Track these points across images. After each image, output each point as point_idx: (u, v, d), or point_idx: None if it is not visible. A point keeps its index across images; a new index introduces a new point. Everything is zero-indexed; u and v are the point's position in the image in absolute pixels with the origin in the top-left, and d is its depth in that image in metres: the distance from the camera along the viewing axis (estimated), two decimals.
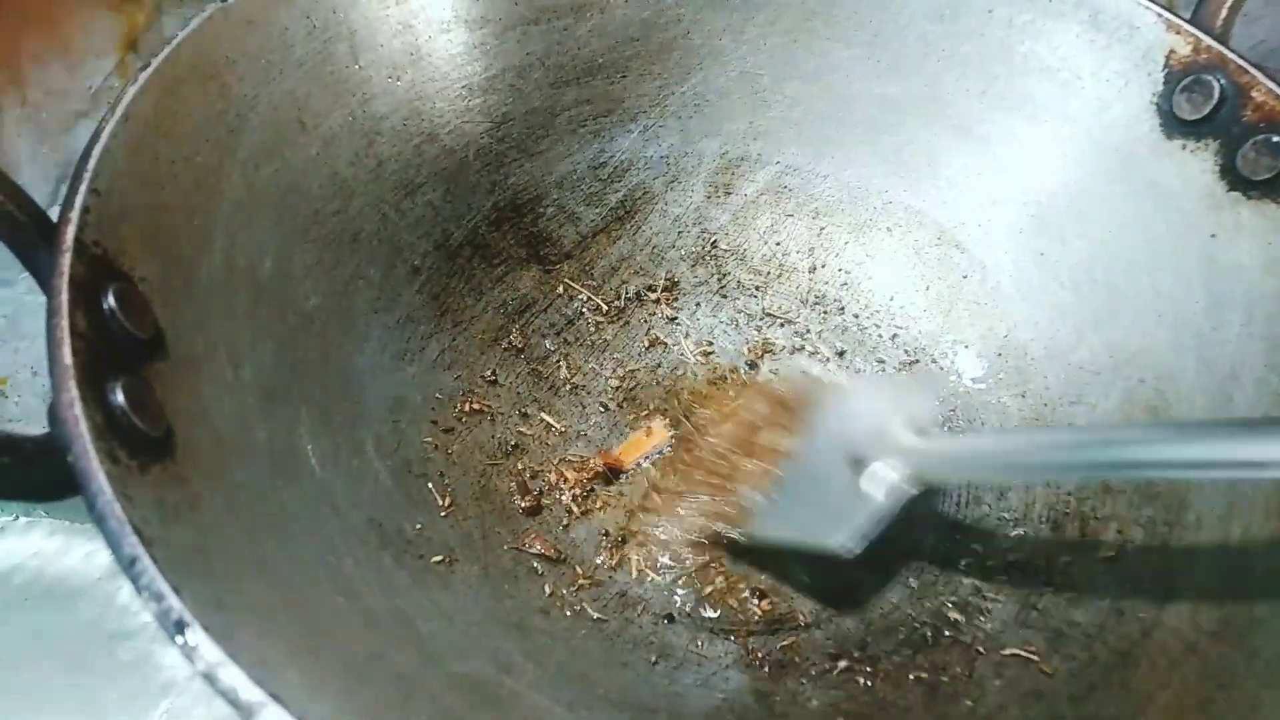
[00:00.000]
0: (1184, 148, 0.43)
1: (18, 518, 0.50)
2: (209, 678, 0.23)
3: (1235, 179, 0.42)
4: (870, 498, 0.39)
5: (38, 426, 0.28)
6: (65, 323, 0.28)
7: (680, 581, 0.42)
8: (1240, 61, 0.41)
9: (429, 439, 0.43)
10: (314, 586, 0.31)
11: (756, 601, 0.42)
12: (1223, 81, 0.42)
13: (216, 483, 0.31)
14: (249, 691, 0.23)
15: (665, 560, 0.43)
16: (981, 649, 0.39)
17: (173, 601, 0.23)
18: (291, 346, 0.39)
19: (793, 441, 0.45)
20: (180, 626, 0.23)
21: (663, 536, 0.44)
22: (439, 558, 0.38)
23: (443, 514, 0.41)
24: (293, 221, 0.41)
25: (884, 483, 0.39)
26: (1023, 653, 0.38)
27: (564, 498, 0.44)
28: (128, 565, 0.24)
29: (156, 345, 0.32)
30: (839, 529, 0.39)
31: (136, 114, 0.34)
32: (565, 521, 0.44)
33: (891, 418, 0.41)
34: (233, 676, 0.23)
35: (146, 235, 0.34)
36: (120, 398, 0.28)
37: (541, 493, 0.44)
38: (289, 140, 0.41)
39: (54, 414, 0.27)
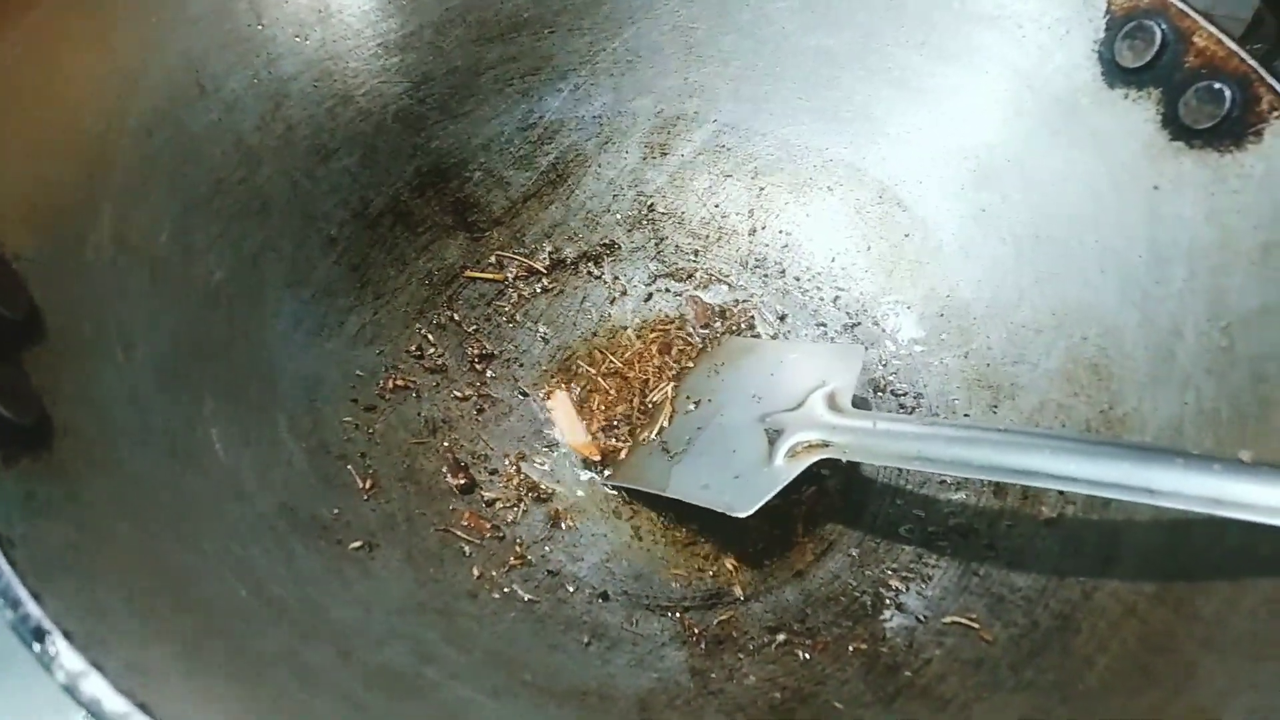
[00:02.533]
0: (1126, 97, 0.42)
1: None
2: (70, 690, 0.21)
3: (1177, 128, 0.40)
4: (780, 470, 0.39)
5: None
6: None
7: (613, 553, 0.41)
8: (1181, 6, 0.40)
9: (349, 418, 0.41)
10: (213, 579, 0.29)
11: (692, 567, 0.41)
12: (1164, 27, 0.40)
13: (102, 472, 0.29)
14: (113, 702, 0.21)
15: (595, 528, 0.42)
16: (922, 618, 0.38)
17: (30, 608, 0.22)
18: (193, 325, 0.36)
19: (711, 398, 0.44)
20: (39, 635, 0.21)
21: (583, 495, 0.43)
22: (358, 543, 0.37)
23: (364, 497, 0.39)
24: (192, 192, 0.38)
25: (796, 457, 0.39)
26: (963, 620, 0.37)
27: (499, 475, 0.43)
28: None
29: (33, 327, 0.30)
30: (743, 497, 0.38)
31: (6, 78, 0.32)
32: (501, 498, 0.42)
33: (814, 391, 0.41)
34: (95, 687, 0.21)
35: (22, 209, 0.31)
36: None
37: (470, 467, 0.42)
38: (186, 105, 0.39)
39: None
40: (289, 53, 0.43)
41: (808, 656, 0.37)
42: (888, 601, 0.39)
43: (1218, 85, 0.39)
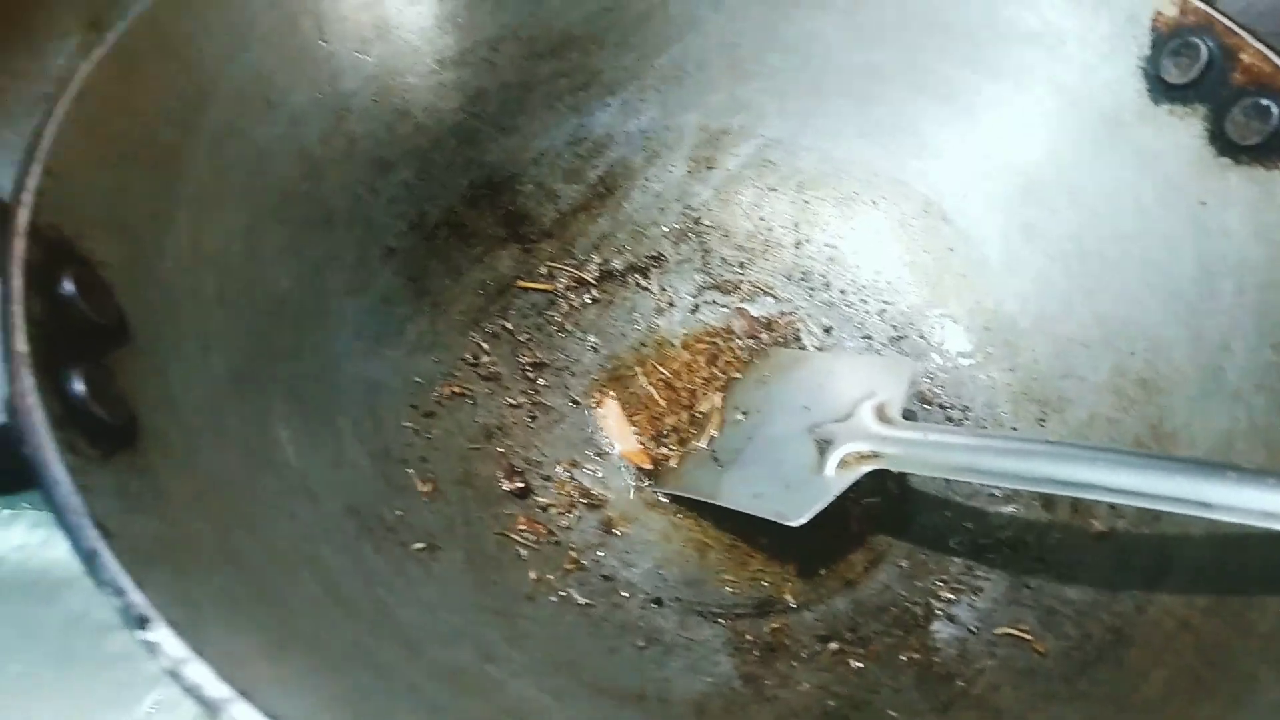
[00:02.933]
0: (1171, 113, 0.42)
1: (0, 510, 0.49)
2: (173, 675, 0.22)
3: (1224, 144, 0.41)
4: (831, 481, 0.39)
5: None
6: (21, 309, 0.27)
7: (664, 559, 0.42)
8: (1227, 22, 0.41)
9: (408, 423, 0.42)
10: (289, 577, 0.30)
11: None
12: (1210, 44, 0.41)
13: (184, 471, 0.30)
14: (215, 688, 0.22)
15: (646, 535, 0.43)
16: (973, 629, 0.38)
17: (134, 596, 0.23)
18: (263, 331, 0.37)
19: (759, 409, 0.45)
20: (142, 622, 0.22)
21: (634, 502, 0.44)
22: (420, 544, 0.37)
23: (424, 499, 0.40)
24: (261, 202, 0.39)
25: (847, 467, 0.39)
26: (1015, 631, 0.37)
27: (553, 481, 0.44)
28: (87, 559, 0.23)
29: (119, 331, 0.31)
30: (795, 505, 0.39)
31: (92, 92, 0.33)
32: (555, 504, 0.43)
33: (863, 401, 0.41)
34: (198, 673, 0.22)
35: (107, 217, 0.32)
36: (80, 386, 0.27)
37: (525, 473, 0.43)
38: (255, 118, 0.40)
39: (9, 404, 0.26)
40: (350, 68, 0.44)
41: (860, 665, 0.38)
42: (938, 612, 0.39)
43: (1265, 101, 0.40)
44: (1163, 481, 0.33)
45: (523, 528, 0.41)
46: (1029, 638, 0.37)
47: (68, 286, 0.29)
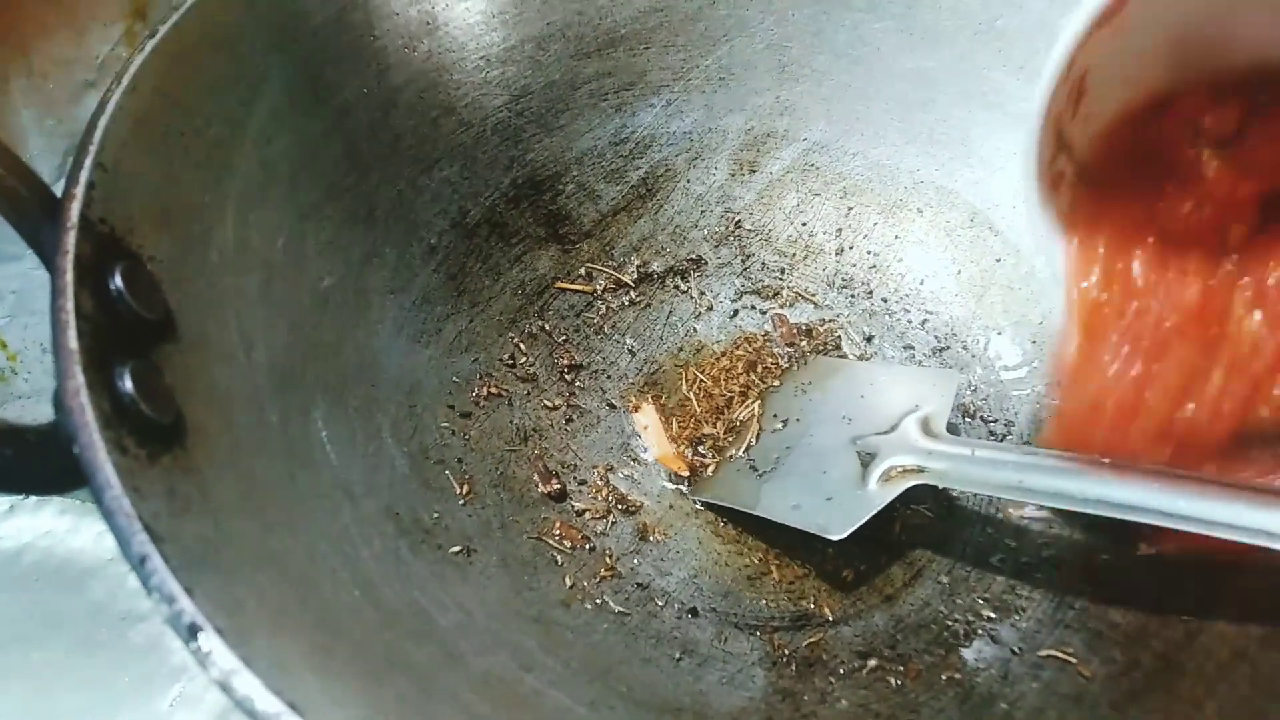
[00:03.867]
0: None
1: (28, 496, 0.49)
2: (223, 686, 0.22)
3: None
4: (874, 494, 0.39)
5: (48, 405, 0.27)
6: (70, 304, 0.27)
7: (700, 569, 0.41)
8: None
9: (446, 424, 0.42)
10: (330, 580, 0.30)
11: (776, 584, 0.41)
12: None
13: (229, 471, 0.29)
14: (266, 701, 0.21)
15: (682, 543, 0.42)
16: (1016, 649, 0.38)
17: (184, 604, 0.22)
18: (305, 328, 0.37)
19: (799, 418, 0.44)
20: (193, 631, 0.22)
21: (670, 509, 0.43)
22: (457, 548, 0.37)
23: (460, 502, 0.40)
24: (306, 197, 0.39)
25: (891, 481, 0.39)
26: (1059, 654, 0.37)
27: (588, 485, 0.43)
28: (138, 564, 0.23)
29: (166, 327, 0.30)
30: (836, 519, 0.38)
31: (143, 84, 0.33)
32: (590, 508, 0.43)
33: (907, 415, 0.41)
34: (248, 685, 0.22)
35: (155, 211, 0.32)
36: (129, 383, 0.27)
37: (560, 476, 0.43)
38: (303, 112, 0.40)
39: (59, 401, 0.25)
40: (398, 64, 0.44)
41: (899, 683, 0.37)
42: (980, 631, 0.39)
43: None
44: (1222, 508, 0.32)
45: (559, 533, 0.41)
46: (1074, 661, 0.36)
47: (117, 281, 0.29)
